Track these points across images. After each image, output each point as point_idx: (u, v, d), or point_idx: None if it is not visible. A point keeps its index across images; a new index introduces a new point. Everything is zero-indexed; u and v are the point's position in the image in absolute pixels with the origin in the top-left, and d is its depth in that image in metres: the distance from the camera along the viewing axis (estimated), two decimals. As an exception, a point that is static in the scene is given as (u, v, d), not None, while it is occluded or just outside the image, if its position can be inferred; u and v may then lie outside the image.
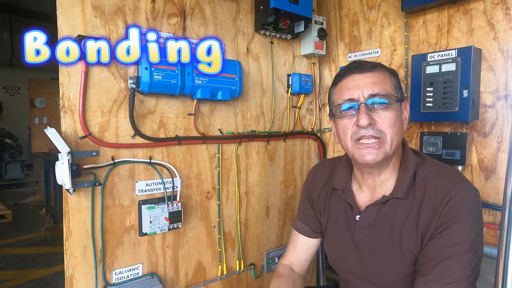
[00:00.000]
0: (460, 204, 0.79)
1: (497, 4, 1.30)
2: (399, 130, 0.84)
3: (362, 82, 0.84)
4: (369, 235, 0.91)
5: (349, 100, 0.85)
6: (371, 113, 0.82)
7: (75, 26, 1.15)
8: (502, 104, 1.30)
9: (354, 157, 0.87)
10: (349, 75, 0.87)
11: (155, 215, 1.28)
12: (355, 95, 0.84)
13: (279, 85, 1.76)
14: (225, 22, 1.55)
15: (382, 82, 0.84)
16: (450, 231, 0.78)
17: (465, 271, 0.77)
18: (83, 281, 1.20)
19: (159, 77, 1.23)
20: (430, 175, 0.86)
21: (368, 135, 0.82)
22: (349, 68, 0.88)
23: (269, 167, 1.74)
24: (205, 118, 1.49)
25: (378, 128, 0.82)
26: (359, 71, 0.86)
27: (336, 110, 0.89)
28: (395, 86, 0.87)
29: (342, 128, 0.87)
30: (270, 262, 1.75)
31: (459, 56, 1.30)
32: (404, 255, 0.86)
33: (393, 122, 0.83)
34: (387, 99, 0.83)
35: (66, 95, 1.14)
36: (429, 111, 1.39)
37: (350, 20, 1.83)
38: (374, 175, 0.90)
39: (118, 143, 1.25)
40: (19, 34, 7.37)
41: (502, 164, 1.30)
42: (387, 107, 0.83)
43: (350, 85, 0.86)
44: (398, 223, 0.86)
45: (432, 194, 0.83)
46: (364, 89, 0.83)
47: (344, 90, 0.87)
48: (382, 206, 0.89)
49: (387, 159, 0.85)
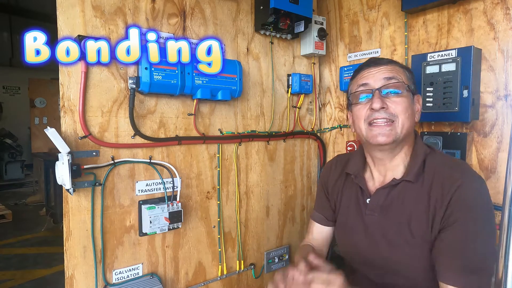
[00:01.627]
0: (469, 195, 0.82)
1: (497, 4, 1.30)
2: (411, 116, 0.90)
3: (377, 71, 0.92)
4: (379, 218, 0.94)
5: (363, 85, 0.92)
6: (384, 98, 0.88)
7: (75, 26, 1.15)
8: (502, 104, 1.30)
9: (367, 139, 0.92)
10: (366, 68, 0.95)
11: (155, 215, 1.28)
12: (370, 81, 0.91)
13: (279, 85, 1.76)
14: (225, 22, 1.55)
15: (396, 73, 0.91)
16: (462, 222, 0.81)
17: (480, 260, 0.80)
18: (83, 281, 1.20)
19: (159, 77, 1.23)
20: (439, 163, 0.91)
21: (381, 117, 0.88)
22: (366, 63, 0.96)
23: (269, 167, 1.74)
24: (205, 118, 1.49)
25: (390, 112, 0.88)
26: (375, 65, 0.93)
27: (353, 98, 0.96)
28: (409, 78, 0.93)
29: (357, 113, 0.93)
30: (270, 262, 1.74)
31: (459, 56, 1.30)
32: (414, 236, 0.88)
33: (405, 107, 0.88)
34: (399, 88, 0.89)
35: (66, 95, 1.14)
36: (429, 111, 1.39)
37: (350, 20, 1.83)
38: (386, 161, 0.95)
39: (118, 143, 1.25)
40: (19, 34, 7.38)
41: (502, 164, 1.30)
42: (400, 95, 0.89)
43: (365, 75, 0.93)
44: (407, 206, 0.90)
45: (441, 181, 0.86)
46: (379, 75, 0.90)
47: (360, 79, 0.94)
48: (392, 189, 0.94)
49: (397, 143, 0.90)
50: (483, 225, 0.82)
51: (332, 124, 1.96)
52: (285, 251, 1.81)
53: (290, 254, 1.85)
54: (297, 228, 1.88)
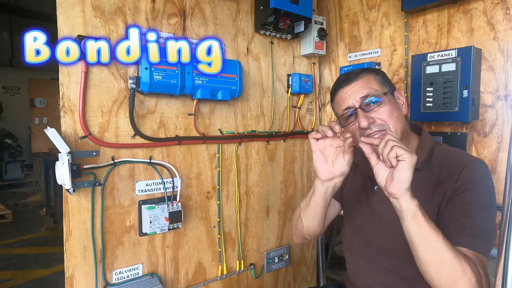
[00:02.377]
0: (475, 172, 0.88)
1: (497, 4, 1.30)
2: (399, 117, 0.93)
3: (351, 91, 0.95)
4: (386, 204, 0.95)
5: (346, 108, 0.96)
6: (368, 114, 0.92)
7: (75, 26, 1.15)
8: (502, 104, 1.30)
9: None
10: (339, 89, 0.99)
11: (155, 215, 1.28)
12: (349, 103, 0.95)
13: (279, 85, 1.76)
14: (225, 22, 1.55)
15: (368, 84, 0.95)
16: (467, 192, 0.85)
17: (485, 227, 0.82)
18: (83, 281, 1.20)
19: (159, 77, 1.23)
20: (445, 152, 0.96)
21: (372, 132, 0.91)
22: (338, 83, 1.01)
23: (269, 167, 1.74)
24: (205, 118, 1.49)
25: (379, 123, 0.92)
26: (346, 84, 0.97)
27: (341, 121, 1.00)
28: (381, 82, 0.97)
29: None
30: (270, 262, 1.75)
31: (459, 56, 1.30)
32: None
33: (390, 113, 0.92)
34: (377, 97, 0.93)
35: (66, 95, 1.14)
36: (429, 111, 1.39)
37: (350, 20, 1.83)
38: None
39: (118, 143, 1.25)
40: (19, 34, 7.37)
41: (502, 164, 1.30)
42: (380, 104, 0.92)
43: (343, 96, 0.97)
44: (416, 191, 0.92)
45: (449, 165, 0.91)
46: (355, 95, 0.94)
47: (340, 102, 0.98)
48: None
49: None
50: (487, 198, 0.86)
51: (332, 124, 1.95)
52: (285, 251, 1.81)
53: (290, 254, 1.85)
54: (297, 228, 1.88)
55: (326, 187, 0.94)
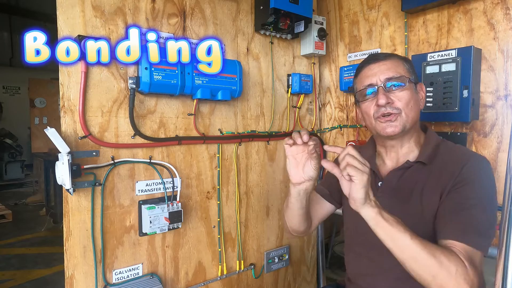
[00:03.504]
0: (477, 167, 0.89)
1: (497, 4, 1.30)
2: (414, 107, 0.96)
3: (378, 69, 0.97)
4: (389, 199, 0.97)
5: (369, 85, 0.98)
6: (388, 94, 0.95)
7: (75, 26, 1.15)
8: (502, 104, 1.30)
9: (377, 132, 0.99)
10: (366, 65, 1.00)
11: (155, 215, 1.28)
12: (373, 80, 0.97)
13: (279, 85, 1.76)
14: (225, 22, 1.55)
15: (396, 67, 0.97)
16: (469, 187, 0.86)
17: (484, 224, 0.82)
18: (83, 281, 1.20)
19: (159, 77, 1.23)
20: (450, 148, 0.98)
21: (387, 112, 0.94)
22: (366, 60, 1.02)
23: (269, 167, 1.74)
24: (205, 118, 1.49)
25: (395, 106, 0.94)
26: (374, 61, 0.99)
27: (359, 96, 1.02)
28: (408, 70, 0.99)
29: (365, 110, 1.00)
30: (270, 262, 1.75)
31: (459, 56, 1.30)
32: (424, 214, 0.91)
33: (408, 100, 0.94)
34: (400, 81, 0.95)
35: (66, 95, 1.14)
36: (429, 111, 1.39)
37: (350, 20, 1.83)
38: (397, 148, 1.01)
39: (118, 143, 1.25)
40: (19, 34, 7.38)
41: (502, 164, 1.30)
42: (402, 88, 0.95)
43: (368, 73, 0.99)
44: (419, 186, 0.94)
45: (452, 160, 0.93)
46: (380, 74, 0.96)
47: (364, 78, 1.00)
48: (405, 171, 0.98)
49: (406, 131, 0.96)
50: (487, 194, 0.86)
51: (332, 124, 1.96)
52: (285, 251, 1.81)
53: (290, 254, 1.85)
54: (297, 228, 1.88)
55: (298, 190, 0.98)
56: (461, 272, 0.73)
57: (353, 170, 0.75)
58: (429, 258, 0.74)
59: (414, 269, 0.76)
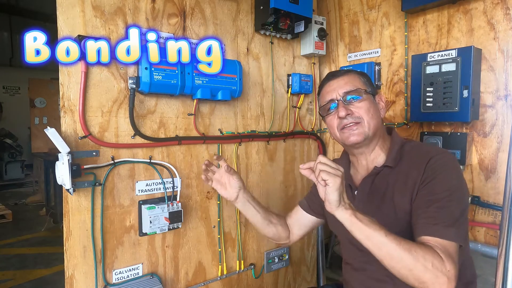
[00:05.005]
0: (442, 161, 0.92)
1: (497, 4, 1.30)
2: (375, 115, 1.02)
3: (336, 85, 1.05)
4: (365, 205, 1.02)
5: (330, 100, 1.05)
6: (348, 106, 1.02)
7: (75, 26, 1.15)
8: (502, 104, 1.30)
9: (343, 142, 1.06)
10: (326, 82, 1.09)
11: (155, 215, 1.28)
12: (333, 95, 1.04)
13: (279, 85, 1.76)
14: (225, 22, 1.55)
15: (352, 81, 1.04)
16: (435, 181, 0.89)
17: (454, 214, 0.85)
18: (83, 281, 1.20)
19: (159, 77, 1.23)
20: (415, 147, 1.02)
21: (349, 122, 1.00)
22: (326, 77, 1.11)
23: (269, 167, 1.74)
24: (205, 118, 1.49)
25: (355, 116, 1.00)
26: (333, 77, 1.07)
27: (323, 111, 1.09)
28: (365, 83, 1.05)
29: (329, 123, 1.07)
30: (270, 262, 1.75)
31: (459, 56, 1.30)
32: (397, 214, 0.95)
33: (367, 109, 1.00)
34: (357, 93, 1.02)
35: (66, 95, 1.14)
36: (429, 111, 1.39)
37: (350, 20, 1.83)
38: (366, 154, 1.06)
39: (118, 143, 1.25)
40: (19, 34, 7.38)
41: (502, 164, 1.30)
42: (360, 100, 1.01)
43: (328, 89, 1.07)
44: (390, 189, 0.99)
45: (417, 158, 0.97)
46: (339, 89, 1.03)
47: (325, 94, 1.07)
48: (376, 177, 1.03)
49: (369, 139, 1.02)
50: (455, 182, 0.89)
51: (332, 124, 1.95)
52: (285, 251, 1.81)
53: (290, 254, 1.85)
54: (297, 228, 1.87)
55: (240, 203, 1.15)
56: (437, 265, 0.76)
57: (326, 174, 0.81)
58: (404, 253, 0.77)
59: (391, 265, 0.79)
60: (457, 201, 0.87)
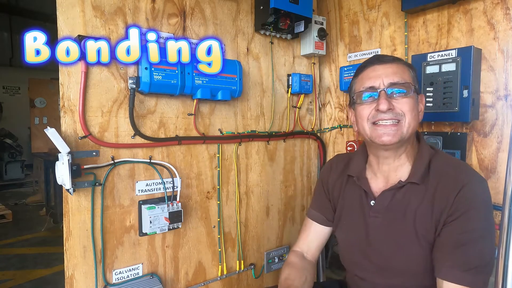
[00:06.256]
0: (473, 193, 0.83)
1: (497, 4, 1.30)
2: (416, 116, 0.90)
3: (382, 71, 0.90)
4: (382, 220, 0.94)
5: (370, 88, 0.91)
6: (390, 99, 0.88)
7: (75, 26, 1.15)
8: (502, 104, 1.30)
9: (371, 139, 0.92)
10: (370, 66, 0.93)
11: (155, 215, 1.28)
12: (376, 83, 0.90)
13: (279, 85, 1.76)
14: (225, 22, 1.54)
15: (402, 73, 0.90)
16: (464, 218, 0.81)
17: (483, 257, 0.79)
18: (83, 281, 1.20)
19: (159, 77, 1.23)
20: (443, 165, 0.91)
21: (387, 118, 0.87)
22: (370, 60, 0.94)
23: (269, 167, 1.74)
24: (205, 118, 1.49)
25: (397, 112, 0.87)
26: (380, 62, 0.92)
27: (357, 97, 0.94)
28: (413, 78, 0.92)
29: (360, 113, 0.92)
30: (270, 262, 1.74)
31: (459, 56, 1.30)
32: (418, 237, 0.88)
33: (412, 107, 0.88)
34: (405, 88, 0.88)
35: (66, 95, 1.14)
36: (429, 111, 1.39)
37: (350, 20, 1.83)
38: (390, 160, 0.95)
39: (118, 143, 1.25)
40: (19, 34, 7.38)
41: (502, 164, 1.30)
42: (406, 95, 0.88)
43: (371, 74, 0.91)
44: (412, 208, 0.89)
45: (446, 182, 0.86)
46: (385, 78, 0.89)
47: (366, 79, 0.92)
48: (397, 191, 0.93)
49: (402, 143, 0.90)
50: (485, 223, 0.82)
51: (332, 124, 1.96)
52: (285, 251, 1.81)
53: (290, 254, 1.85)
54: (297, 228, 1.87)
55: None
56: None
57: None
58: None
59: None
60: (487, 243, 0.81)
